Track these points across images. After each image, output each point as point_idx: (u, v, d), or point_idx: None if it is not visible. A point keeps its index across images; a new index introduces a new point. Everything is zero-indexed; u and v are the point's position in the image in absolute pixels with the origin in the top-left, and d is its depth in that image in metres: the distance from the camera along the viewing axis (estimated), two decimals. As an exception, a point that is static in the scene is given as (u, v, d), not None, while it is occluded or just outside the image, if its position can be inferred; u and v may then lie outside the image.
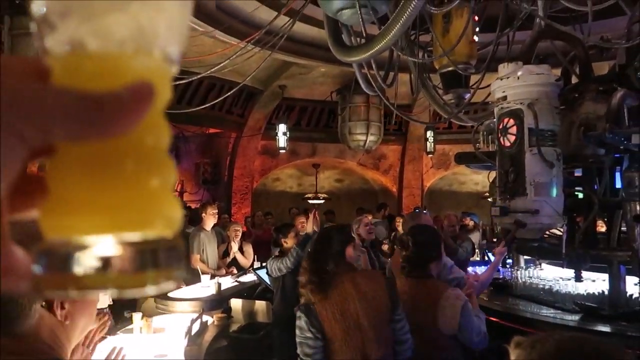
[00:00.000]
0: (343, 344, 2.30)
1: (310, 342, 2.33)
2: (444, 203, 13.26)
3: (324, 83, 9.84)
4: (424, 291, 2.61)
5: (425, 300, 2.56)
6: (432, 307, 2.51)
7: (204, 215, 5.97)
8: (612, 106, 3.15)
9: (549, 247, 3.90)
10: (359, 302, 2.30)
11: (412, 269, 2.68)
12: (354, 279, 2.37)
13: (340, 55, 3.57)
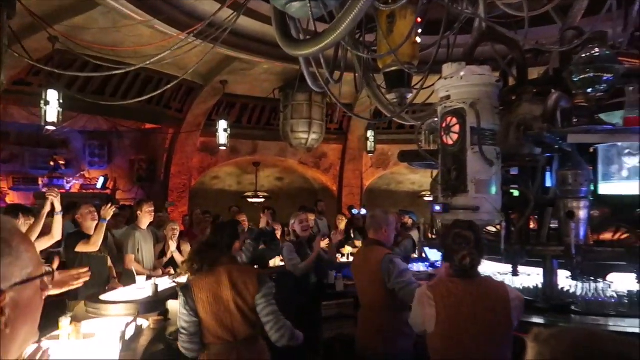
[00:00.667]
0: (215, 323, 2.74)
1: (186, 317, 2.76)
2: (382, 202, 13.51)
3: (267, 80, 9.71)
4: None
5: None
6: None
7: (140, 213, 5.69)
8: (549, 107, 3.30)
9: (488, 243, 4.03)
10: (230, 290, 2.74)
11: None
12: (230, 271, 2.81)
13: (289, 49, 3.50)
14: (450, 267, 2.46)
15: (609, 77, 3.08)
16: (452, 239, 2.43)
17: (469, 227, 2.48)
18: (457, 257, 2.39)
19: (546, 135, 3.17)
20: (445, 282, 2.46)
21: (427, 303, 2.41)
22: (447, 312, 2.36)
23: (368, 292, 3.66)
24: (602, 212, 3.74)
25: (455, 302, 2.37)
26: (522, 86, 3.93)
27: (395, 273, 3.37)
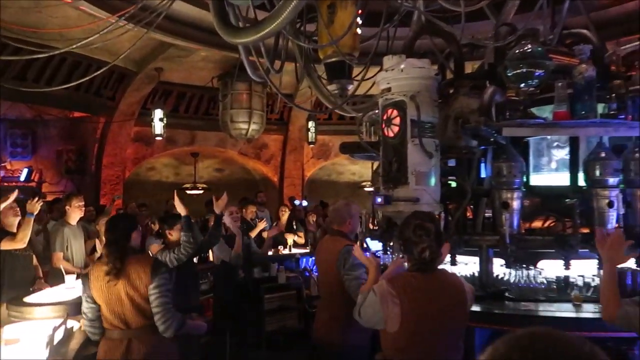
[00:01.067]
0: (107, 310, 2.86)
1: (85, 304, 2.93)
2: (323, 192, 13.58)
3: (205, 68, 9.40)
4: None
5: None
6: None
7: (69, 208, 5.35)
8: (485, 101, 3.39)
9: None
10: (122, 279, 2.83)
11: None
12: (125, 260, 2.89)
13: (228, 37, 3.36)
14: (409, 260, 2.39)
15: (541, 73, 3.20)
16: (412, 230, 2.32)
17: (430, 219, 2.40)
18: (417, 249, 2.30)
19: (482, 128, 3.26)
20: (405, 277, 2.36)
21: (391, 300, 2.26)
22: (411, 309, 2.26)
23: (326, 282, 3.65)
24: (532, 201, 3.92)
25: (418, 297, 2.28)
26: (459, 80, 4.02)
27: (348, 265, 3.35)
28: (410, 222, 2.37)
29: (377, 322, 2.37)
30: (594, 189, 3.36)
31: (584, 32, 4.18)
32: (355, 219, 3.69)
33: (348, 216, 3.62)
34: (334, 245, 3.53)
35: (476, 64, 5.40)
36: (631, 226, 3.39)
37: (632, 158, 3.40)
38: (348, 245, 3.47)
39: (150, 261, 2.99)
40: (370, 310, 2.37)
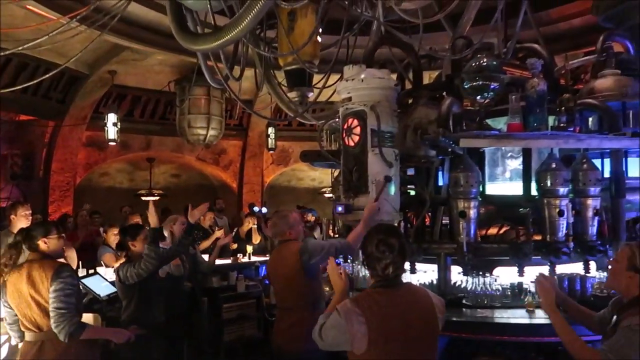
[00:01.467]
0: (19, 314, 3.10)
1: (3, 307, 3.18)
2: (283, 198, 13.52)
3: (161, 72, 9.18)
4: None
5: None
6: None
7: (14, 217, 5.07)
8: (443, 112, 3.46)
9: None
10: (26, 283, 3.04)
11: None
12: (31, 265, 3.11)
13: (186, 43, 3.28)
14: (372, 276, 2.30)
15: (495, 86, 3.30)
16: (375, 245, 2.23)
17: (393, 233, 2.31)
18: (380, 265, 2.22)
19: (440, 139, 3.32)
20: (371, 295, 2.26)
21: (356, 320, 2.16)
22: (379, 329, 2.16)
23: (285, 290, 3.62)
24: (488, 209, 4.02)
25: (385, 315, 2.19)
26: (417, 90, 4.09)
27: (312, 250, 3.43)
28: (373, 236, 2.29)
29: (341, 344, 2.24)
30: (545, 198, 3.48)
31: (535, 46, 4.34)
32: (296, 227, 3.69)
33: (287, 228, 3.63)
34: (288, 251, 3.54)
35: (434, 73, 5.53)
36: (579, 234, 3.53)
37: (580, 169, 3.54)
38: (303, 244, 3.52)
39: (53, 266, 3.11)
40: (333, 331, 2.25)
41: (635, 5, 2.68)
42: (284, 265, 3.58)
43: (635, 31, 2.87)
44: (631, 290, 2.28)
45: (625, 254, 2.34)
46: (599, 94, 3.83)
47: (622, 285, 2.33)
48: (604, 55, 4.06)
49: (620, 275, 2.33)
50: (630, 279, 2.27)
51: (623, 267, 2.31)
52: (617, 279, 2.36)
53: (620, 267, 2.33)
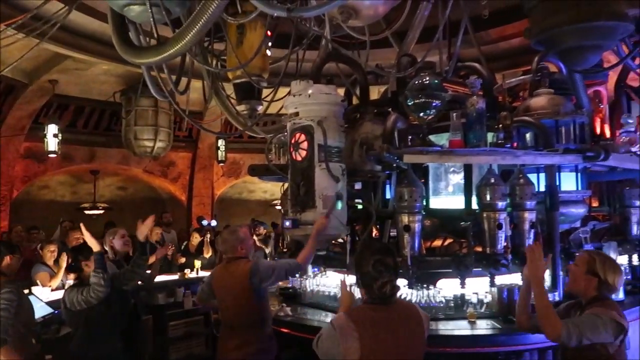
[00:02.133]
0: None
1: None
2: (234, 211, 13.34)
3: (106, 82, 8.89)
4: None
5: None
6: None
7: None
8: (387, 128, 3.54)
9: (334, 255, 4.19)
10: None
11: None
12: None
13: (127, 56, 3.19)
14: (366, 293, 2.34)
15: (437, 103, 3.41)
16: (371, 265, 2.28)
17: (389, 253, 2.39)
18: (376, 284, 2.27)
19: (385, 154, 3.38)
20: (365, 311, 2.32)
21: (350, 335, 2.21)
22: (372, 344, 2.22)
23: (231, 308, 3.53)
24: (432, 222, 4.13)
25: (379, 331, 2.25)
26: (364, 106, 4.17)
27: (264, 271, 3.42)
28: (368, 256, 2.33)
29: (334, 355, 2.28)
30: (485, 211, 3.60)
31: (475, 65, 4.53)
32: (247, 242, 3.65)
33: (238, 243, 3.58)
34: (239, 268, 3.47)
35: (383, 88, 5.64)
36: (517, 246, 3.67)
37: (517, 183, 3.70)
38: (254, 263, 3.47)
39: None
40: (327, 343, 2.30)
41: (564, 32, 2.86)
42: (233, 284, 3.50)
43: (563, 55, 3.06)
44: (589, 292, 2.62)
45: (584, 259, 2.67)
46: (534, 111, 4.04)
47: (582, 287, 2.64)
48: (538, 75, 4.29)
49: (579, 279, 2.65)
50: (588, 282, 2.61)
51: (582, 271, 2.64)
52: (577, 282, 2.67)
53: (580, 271, 2.65)
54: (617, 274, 2.63)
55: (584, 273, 2.63)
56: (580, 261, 2.70)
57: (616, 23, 2.84)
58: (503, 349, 3.28)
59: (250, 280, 3.36)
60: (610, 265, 2.64)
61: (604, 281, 2.58)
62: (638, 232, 4.73)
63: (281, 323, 3.82)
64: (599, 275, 2.59)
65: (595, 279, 2.59)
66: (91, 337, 3.64)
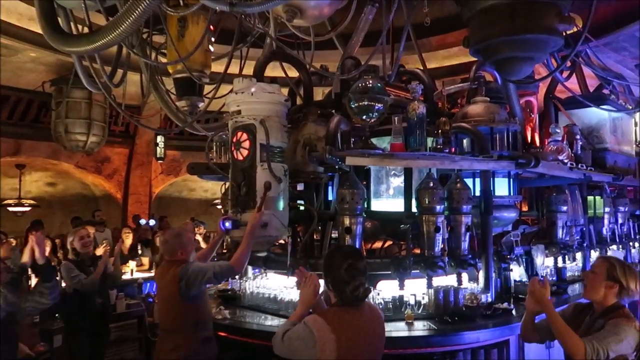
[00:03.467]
0: None
1: None
2: (174, 210, 12.94)
3: (35, 70, 8.34)
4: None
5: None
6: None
7: None
8: (330, 130, 3.53)
9: (275, 257, 4.13)
10: None
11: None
12: None
13: (56, 43, 2.98)
14: (337, 296, 2.36)
15: (380, 107, 3.43)
16: (344, 270, 2.32)
17: (360, 257, 2.44)
18: (349, 287, 2.31)
19: (327, 156, 3.37)
20: (338, 313, 2.33)
21: (328, 337, 2.23)
22: (347, 346, 2.25)
23: (164, 312, 3.50)
24: (373, 224, 4.16)
25: (353, 333, 2.29)
26: (308, 106, 4.13)
27: (194, 277, 3.29)
28: (341, 261, 2.36)
29: (303, 356, 2.28)
30: (424, 215, 3.68)
31: (417, 70, 4.62)
32: (188, 247, 3.56)
33: (179, 247, 3.49)
34: (171, 272, 3.38)
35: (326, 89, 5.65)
36: (453, 249, 3.78)
37: (454, 188, 3.81)
38: (183, 267, 3.35)
39: None
40: (299, 343, 2.28)
41: (499, 43, 2.97)
42: (164, 287, 3.47)
43: (499, 65, 3.18)
44: (608, 299, 2.54)
45: (603, 266, 2.60)
46: (471, 118, 4.18)
47: (600, 294, 2.56)
48: (476, 83, 4.44)
49: (599, 285, 2.56)
50: (609, 289, 2.53)
51: (602, 278, 2.56)
52: (597, 289, 2.57)
53: (599, 279, 2.57)
54: (637, 280, 2.56)
55: (604, 280, 2.55)
56: (598, 268, 2.62)
57: (548, 37, 2.97)
58: (438, 349, 3.36)
59: (178, 284, 3.29)
60: (630, 270, 2.58)
61: (625, 287, 2.52)
62: (563, 235, 5.01)
63: (219, 327, 3.72)
64: (621, 282, 2.52)
65: (616, 286, 2.52)
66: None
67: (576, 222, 5.26)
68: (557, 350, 3.87)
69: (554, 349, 3.81)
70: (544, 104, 5.96)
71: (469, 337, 3.40)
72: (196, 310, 3.41)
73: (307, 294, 2.50)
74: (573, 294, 4.55)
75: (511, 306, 3.89)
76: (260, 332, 3.51)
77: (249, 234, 3.34)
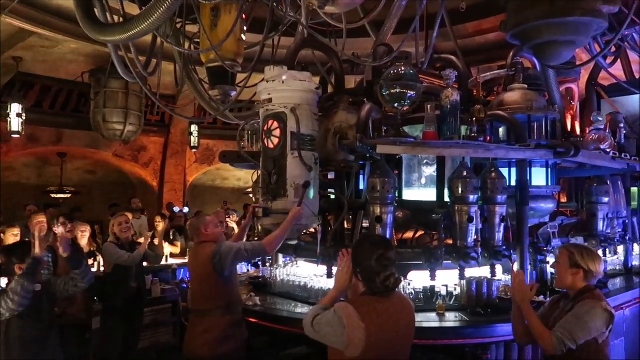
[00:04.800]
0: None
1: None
2: (207, 199, 13.16)
3: (74, 61, 8.58)
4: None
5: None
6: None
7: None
8: (361, 118, 3.48)
9: (305, 245, 4.14)
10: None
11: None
12: None
13: (92, 33, 3.05)
14: (367, 286, 2.34)
15: (412, 94, 3.37)
16: (375, 260, 2.30)
17: (389, 246, 2.41)
18: (380, 278, 2.29)
19: (358, 145, 3.34)
20: (368, 302, 2.31)
21: (357, 325, 2.22)
22: (376, 336, 2.24)
23: (198, 293, 3.59)
24: (404, 213, 4.11)
25: (383, 323, 2.27)
26: (339, 94, 4.10)
27: (225, 254, 3.37)
28: (371, 251, 2.33)
29: (332, 342, 2.30)
30: (457, 204, 3.60)
31: (451, 57, 4.50)
32: (211, 225, 3.64)
33: (202, 225, 3.59)
34: (203, 251, 3.49)
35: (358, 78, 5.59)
36: (487, 240, 3.69)
37: (488, 177, 3.71)
38: (216, 245, 3.45)
39: None
40: (329, 329, 2.29)
41: (538, 26, 2.84)
42: (197, 267, 3.58)
43: (538, 50, 3.05)
44: (577, 284, 2.70)
45: (565, 254, 2.75)
46: (508, 106, 4.05)
47: (569, 281, 2.72)
48: (513, 70, 4.30)
49: (565, 274, 2.73)
50: (574, 275, 2.69)
51: (566, 266, 2.72)
52: (563, 278, 2.75)
53: (564, 267, 2.73)
54: (597, 261, 2.71)
55: (568, 268, 2.70)
56: (561, 258, 2.77)
57: (590, 19, 2.85)
58: (470, 341, 3.31)
59: (212, 262, 3.38)
60: (588, 254, 2.74)
61: (587, 270, 2.67)
62: (604, 228, 4.83)
63: (250, 313, 3.77)
64: (582, 267, 2.67)
65: (580, 271, 2.67)
66: (10, 355, 3.15)
67: (618, 214, 5.05)
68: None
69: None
70: (586, 91, 5.73)
71: (502, 330, 3.32)
72: (227, 291, 3.51)
73: (342, 279, 2.49)
74: (614, 288, 4.39)
75: (547, 299, 3.78)
76: (290, 319, 3.53)
77: (288, 222, 3.38)
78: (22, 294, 2.98)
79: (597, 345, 2.58)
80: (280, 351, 3.67)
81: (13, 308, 2.99)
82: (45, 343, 3.25)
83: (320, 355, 2.47)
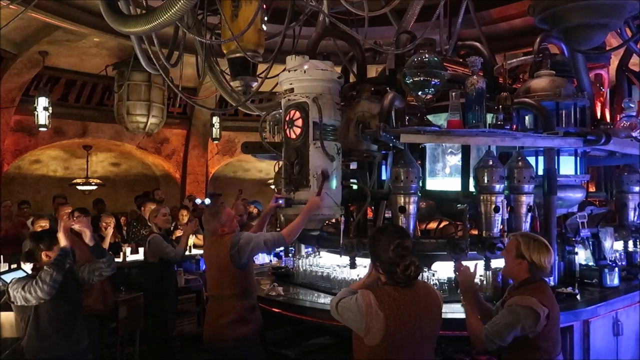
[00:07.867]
0: None
1: None
2: (228, 190, 13.25)
3: (98, 54, 8.69)
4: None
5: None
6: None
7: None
8: (385, 107, 3.43)
9: (328, 236, 4.13)
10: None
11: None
12: None
13: (115, 24, 3.07)
14: (388, 277, 2.32)
15: (436, 82, 3.31)
16: (392, 251, 2.27)
17: (406, 235, 2.39)
18: (400, 268, 2.27)
19: (381, 134, 3.29)
20: (389, 292, 2.29)
21: (376, 314, 2.22)
22: (395, 326, 2.23)
23: (216, 280, 3.63)
24: (428, 204, 4.06)
25: (403, 313, 2.26)
26: (361, 83, 4.05)
27: (244, 244, 3.42)
28: (385, 243, 2.31)
29: (355, 328, 2.32)
30: (482, 194, 3.53)
31: (476, 44, 4.41)
32: (229, 223, 3.65)
33: (219, 225, 3.60)
34: (223, 241, 3.53)
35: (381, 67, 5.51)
36: (513, 230, 3.61)
37: (515, 166, 3.63)
38: (234, 236, 3.50)
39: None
40: (350, 315, 2.32)
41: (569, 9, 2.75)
42: (215, 256, 3.62)
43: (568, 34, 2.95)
44: (521, 275, 2.65)
45: (512, 243, 2.70)
46: (535, 93, 3.94)
47: (514, 271, 2.69)
48: (540, 56, 4.18)
49: (511, 263, 2.70)
50: (519, 266, 2.64)
51: (512, 255, 2.68)
52: (509, 267, 2.74)
53: (510, 256, 2.69)
54: (542, 254, 2.62)
55: (514, 257, 2.66)
56: (509, 246, 2.74)
57: (624, 1, 2.73)
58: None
59: (230, 252, 3.42)
60: (535, 246, 2.64)
61: (531, 262, 2.61)
62: (635, 218, 4.69)
63: (272, 302, 3.79)
64: (526, 258, 2.61)
65: (525, 262, 2.62)
66: (40, 338, 3.22)
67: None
68: (626, 338, 3.66)
69: (623, 337, 3.60)
70: (616, 77, 5.53)
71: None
72: (244, 278, 3.55)
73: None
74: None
75: (576, 291, 3.70)
76: (313, 310, 3.53)
77: (306, 211, 3.38)
78: (50, 284, 3.07)
79: (530, 339, 2.53)
80: (303, 341, 3.69)
81: (41, 296, 3.08)
82: (74, 324, 3.36)
83: (342, 345, 2.47)
